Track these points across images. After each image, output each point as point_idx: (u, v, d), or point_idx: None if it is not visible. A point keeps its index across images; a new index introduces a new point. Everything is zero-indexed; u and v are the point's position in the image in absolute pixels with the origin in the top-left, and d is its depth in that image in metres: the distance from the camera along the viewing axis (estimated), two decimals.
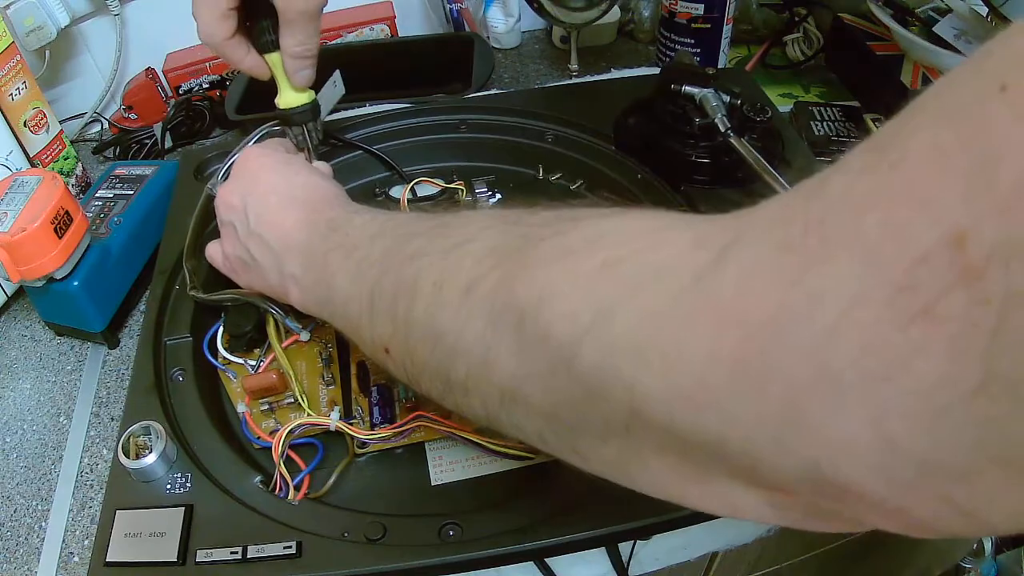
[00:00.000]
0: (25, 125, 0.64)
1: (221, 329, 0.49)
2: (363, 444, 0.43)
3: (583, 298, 0.23)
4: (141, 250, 0.59)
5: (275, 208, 0.42)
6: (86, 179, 0.72)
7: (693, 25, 0.73)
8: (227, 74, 0.81)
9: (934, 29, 0.64)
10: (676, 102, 0.55)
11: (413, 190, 0.60)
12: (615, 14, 0.84)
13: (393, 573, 0.37)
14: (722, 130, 0.52)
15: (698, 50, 0.74)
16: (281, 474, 0.41)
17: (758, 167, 0.50)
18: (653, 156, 0.57)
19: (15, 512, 0.46)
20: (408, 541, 0.38)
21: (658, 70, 0.63)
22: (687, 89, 0.54)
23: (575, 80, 0.75)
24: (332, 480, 0.42)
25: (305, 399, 0.45)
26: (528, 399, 0.26)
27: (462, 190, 0.60)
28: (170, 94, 0.82)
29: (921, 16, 0.67)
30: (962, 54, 0.62)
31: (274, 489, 0.41)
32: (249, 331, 0.48)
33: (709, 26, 0.72)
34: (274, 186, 0.44)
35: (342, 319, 0.37)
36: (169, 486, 0.40)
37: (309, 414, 0.44)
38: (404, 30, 0.86)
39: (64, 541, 0.44)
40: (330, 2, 0.47)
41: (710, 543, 0.42)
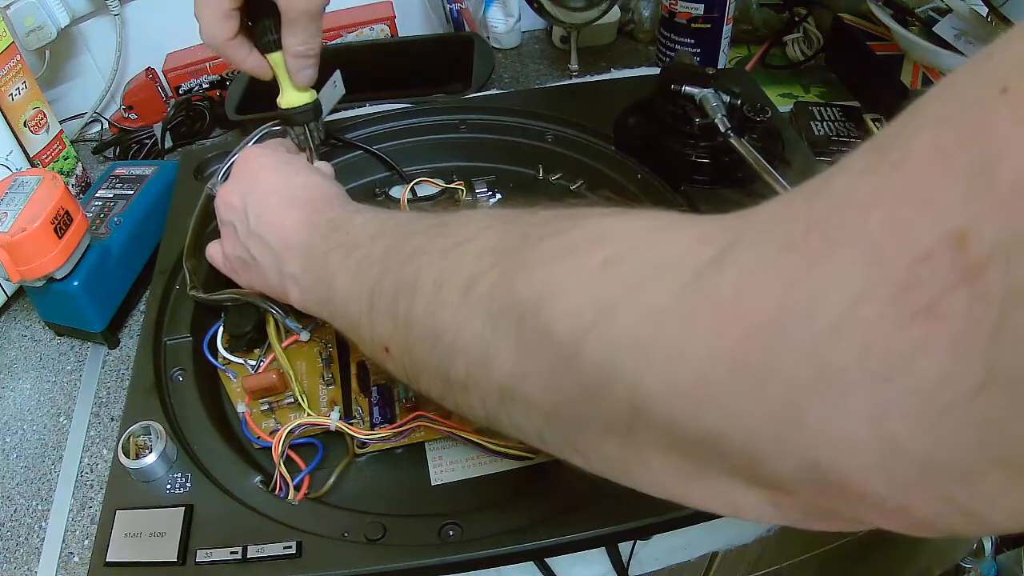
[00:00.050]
0: (25, 125, 0.64)
1: (221, 329, 0.49)
2: (363, 444, 0.43)
3: (584, 296, 0.23)
4: (141, 250, 0.59)
5: (275, 208, 0.42)
6: (86, 179, 0.72)
7: (693, 25, 0.73)
8: (227, 74, 0.81)
9: (934, 29, 0.64)
10: (676, 102, 0.55)
11: (413, 190, 0.60)
12: (615, 14, 0.84)
13: (393, 573, 0.37)
14: (722, 130, 0.52)
15: (698, 50, 0.74)
16: (281, 474, 0.41)
17: (758, 167, 0.50)
18: (653, 156, 0.57)
19: (15, 512, 0.46)
20: (408, 541, 0.38)
21: (658, 70, 0.63)
22: (687, 89, 0.54)
23: (575, 80, 0.75)
24: (332, 480, 0.42)
25: (305, 399, 0.45)
26: (528, 397, 0.26)
27: (462, 190, 0.60)
28: (170, 94, 0.82)
29: (921, 16, 0.67)
30: (962, 54, 0.62)
31: (274, 489, 0.41)
32: (249, 331, 0.48)
33: (709, 26, 0.73)
34: (274, 186, 0.44)
35: (342, 318, 0.37)
36: (169, 486, 0.40)
37: (309, 414, 0.44)
38: (404, 30, 0.86)
39: (64, 541, 0.44)
40: (330, 2, 0.47)
41: (710, 543, 0.42)
